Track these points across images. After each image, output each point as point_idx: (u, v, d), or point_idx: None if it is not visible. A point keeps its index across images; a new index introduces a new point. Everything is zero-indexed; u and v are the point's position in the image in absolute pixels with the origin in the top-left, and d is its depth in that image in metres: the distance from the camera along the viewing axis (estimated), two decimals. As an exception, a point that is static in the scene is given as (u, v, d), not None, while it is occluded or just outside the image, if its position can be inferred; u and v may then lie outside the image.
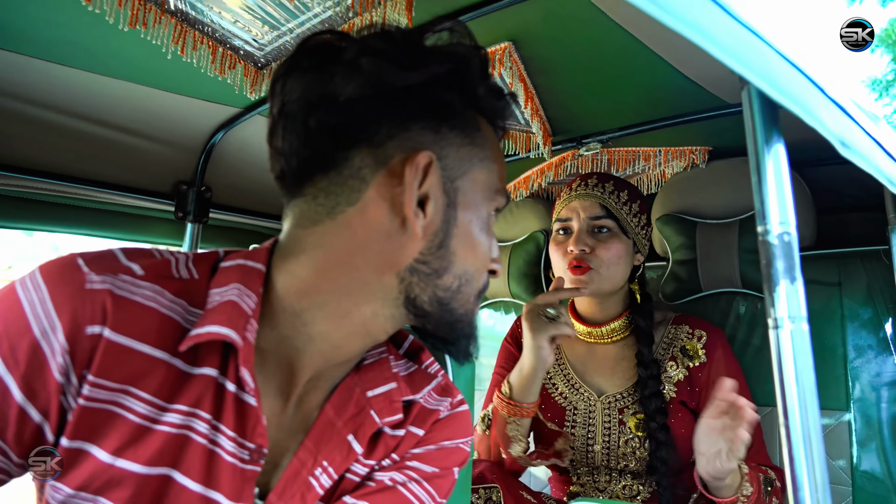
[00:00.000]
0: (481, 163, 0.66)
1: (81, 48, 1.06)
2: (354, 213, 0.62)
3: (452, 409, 0.76)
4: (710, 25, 0.52)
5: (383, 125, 0.61)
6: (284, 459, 0.67)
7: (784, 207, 0.67)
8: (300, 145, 0.61)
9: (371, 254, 0.62)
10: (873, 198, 1.45)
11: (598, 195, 1.37)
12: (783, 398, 0.65)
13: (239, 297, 0.61)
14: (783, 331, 0.65)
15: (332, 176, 0.62)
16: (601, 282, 1.35)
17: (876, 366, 1.38)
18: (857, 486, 1.35)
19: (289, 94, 0.61)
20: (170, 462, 0.59)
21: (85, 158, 1.36)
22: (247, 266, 0.65)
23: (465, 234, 0.65)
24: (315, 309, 0.63)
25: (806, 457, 0.63)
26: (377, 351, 0.75)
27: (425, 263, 0.63)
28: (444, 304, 0.65)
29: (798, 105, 0.65)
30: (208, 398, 0.61)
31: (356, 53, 0.60)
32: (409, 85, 0.61)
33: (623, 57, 1.14)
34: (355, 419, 0.68)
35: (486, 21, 1.01)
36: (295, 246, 0.65)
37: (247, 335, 0.60)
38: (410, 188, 0.60)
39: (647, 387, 1.32)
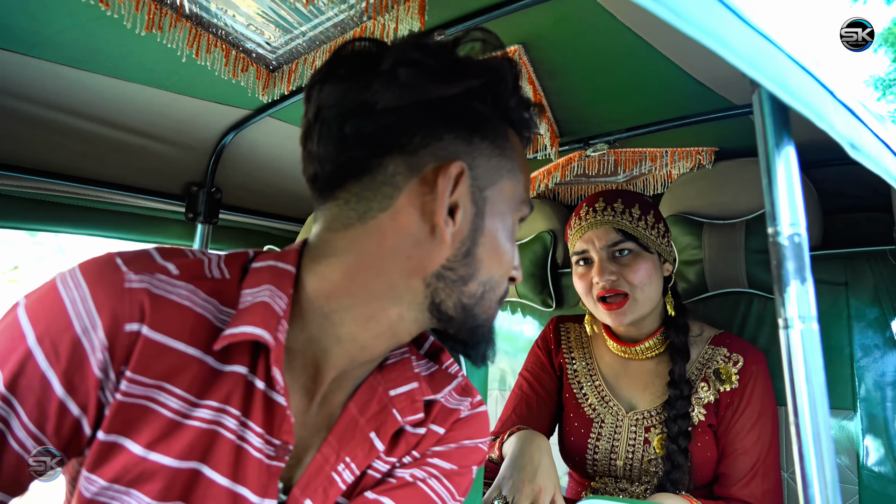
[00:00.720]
0: (509, 174, 0.68)
1: (97, 52, 1.08)
2: (386, 219, 0.63)
3: (472, 409, 0.78)
4: (722, 29, 0.53)
5: (417, 134, 0.62)
6: (308, 455, 0.69)
7: (794, 209, 0.68)
8: (336, 151, 0.63)
9: (400, 259, 0.64)
10: (880, 198, 1.46)
11: (609, 219, 1.32)
12: (793, 398, 0.65)
13: (271, 299, 0.63)
14: (793, 331, 0.66)
15: (365, 182, 0.63)
16: (638, 307, 1.31)
17: (882, 365, 1.38)
18: (863, 485, 1.35)
19: (325, 100, 0.63)
20: (199, 456, 0.60)
21: (96, 160, 1.38)
22: (277, 268, 0.66)
23: (492, 243, 0.66)
24: (343, 311, 0.65)
25: (816, 456, 0.64)
26: (399, 351, 0.76)
27: (452, 270, 0.65)
28: (467, 310, 0.67)
29: (808, 108, 0.65)
30: (238, 395, 0.62)
31: (393, 63, 0.61)
32: (444, 97, 0.62)
33: (631, 59, 1.15)
34: (377, 417, 0.70)
35: (496, 24, 1.02)
36: (325, 248, 0.66)
37: (278, 335, 0.62)
38: (442, 197, 0.61)
39: (675, 407, 1.29)
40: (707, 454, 1.28)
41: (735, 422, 1.29)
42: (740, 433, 1.28)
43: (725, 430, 1.29)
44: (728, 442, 1.29)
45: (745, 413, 1.28)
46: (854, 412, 1.39)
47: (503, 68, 0.66)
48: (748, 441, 1.27)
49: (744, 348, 1.34)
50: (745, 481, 1.25)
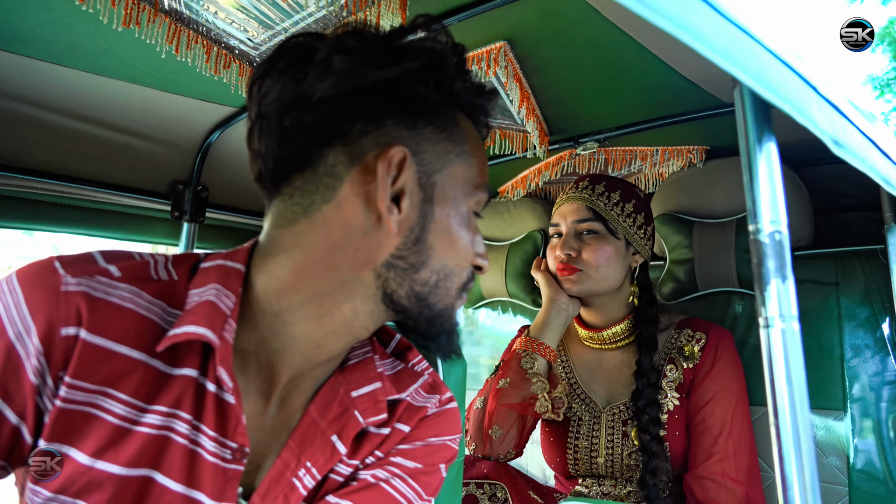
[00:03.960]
0: (459, 158, 0.66)
1: (76, 48, 1.06)
2: (330, 211, 0.62)
3: (441, 406, 0.76)
4: (700, 25, 0.52)
5: (357, 122, 0.61)
6: (268, 460, 0.67)
7: (776, 207, 0.67)
8: (276, 146, 0.62)
9: (348, 251, 0.62)
10: (871, 197, 1.45)
11: (585, 197, 1.37)
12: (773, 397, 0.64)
13: (217, 297, 0.62)
14: (774, 330, 0.65)
15: (307, 174, 0.62)
16: (591, 283, 1.35)
17: (873, 365, 1.37)
18: (853, 486, 1.35)
19: (265, 96, 0.62)
20: (150, 463, 0.59)
21: (81, 158, 1.36)
22: (226, 266, 0.65)
23: (443, 229, 0.65)
24: (294, 309, 0.64)
25: (796, 456, 0.63)
26: (361, 351, 0.75)
27: (402, 258, 0.63)
28: (421, 299, 0.66)
29: (789, 104, 0.65)
30: (188, 398, 0.61)
31: (328, 52, 0.60)
32: (382, 81, 0.61)
33: (619, 56, 1.14)
34: (339, 420, 0.68)
35: (480, 20, 1.01)
36: (273, 246, 0.65)
37: (224, 335, 0.60)
38: (383, 183, 0.60)
39: (643, 396, 1.30)
40: (685, 441, 1.29)
41: (696, 396, 1.29)
42: (703, 408, 1.28)
43: (689, 406, 1.30)
44: (691, 419, 1.29)
45: (706, 387, 1.29)
46: (844, 413, 1.38)
47: (444, 51, 0.65)
48: (713, 418, 1.26)
49: (707, 327, 1.36)
50: (715, 459, 1.23)
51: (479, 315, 2.06)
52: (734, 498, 1.22)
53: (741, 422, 1.27)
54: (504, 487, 1.21)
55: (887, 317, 1.38)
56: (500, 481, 1.22)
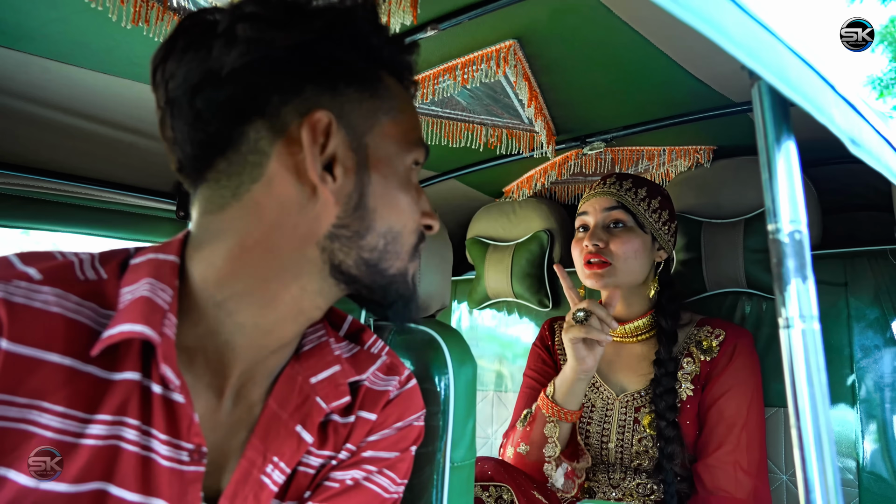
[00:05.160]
0: (387, 115, 0.63)
1: (83, 46, 1.06)
2: (260, 190, 0.59)
3: (402, 388, 0.74)
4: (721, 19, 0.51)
5: (274, 93, 0.58)
6: (230, 459, 0.64)
7: (795, 205, 0.66)
8: (191, 130, 0.58)
9: (286, 229, 0.59)
10: (880, 197, 1.44)
11: (613, 192, 1.39)
12: (794, 399, 0.64)
13: (151, 292, 0.58)
14: (794, 330, 0.65)
15: (230, 156, 0.59)
16: (618, 276, 1.36)
17: (883, 366, 1.37)
18: (863, 488, 1.34)
19: (170, 79, 0.58)
20: (101, 476, 0.56)
21: (86, 157, 1.35)
22: (158, 259, 0.61)
23: (383, 191, 0.62)
24: (238, 297, 0.60)
25: (818, 458, 0.62)
26: (316, 336, 0.72)
27: (344, 227, 0.61)
28: (371, 265, 0.63)
29: (809, 102, 0.64)
30: (134, 403, 0.58)
31: (230, 22, 0.57)
32: (293, 46, 0.58)
33: (629, 55, 1.13)
34: (301, 409, 0.66)
35: (490, 18, 1.01)
36: (206, 233, 0.61)
37: (164, 330, 0.57)
38: (311, 151, 0.57)
39: (660, 384, 1.32)
40: (696, 431, 1.31)
41: (713, 388, 1.31)
42: (719, 399, 1.30)
43: (704, 397, 1.32)
44: (706, 410, 1.31)
45: (723, 380, 1.31)
46: (854, 413, 1.37)
47: (352, 7, 0.61)
48: (728, 409, 1.28)
49: (727, 325, 1.39)
50: (728, 449, 1.25)
51: (485, 316, 2.06)
52: (743, 489, 1.23)
53: (756, 418, 1.29)
54: (510, 489, 1.21)
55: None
56: (505, 483, 1.22)
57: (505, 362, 1.99)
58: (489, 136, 1.48)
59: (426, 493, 0.82)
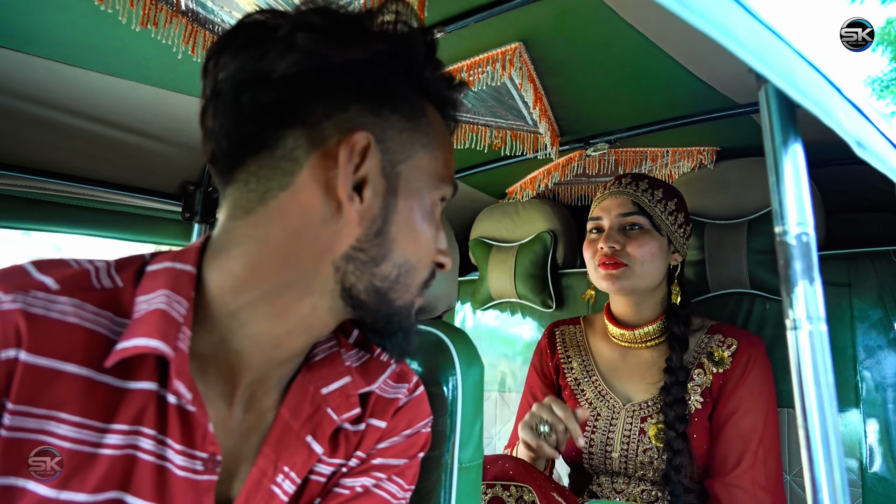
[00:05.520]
0: (425, 148, 0.64)
1: (91, 49, 1.06)
2: (287, 198, 0.59)
3: (411, 395, 0.75)
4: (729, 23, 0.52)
5: (319, 105, 0.58)
6: (241, 467, 0.65)
7: (802, 207, 0.67)
8: (231, 125, 0.58)
9: (305, 242, 0.59)
10: (884, 198, 1.44)
11: (630, 192, 1.36)
12: (802, 400, 0.64)
13: (167, 305, 0.58)
14: (801, 332, 0.65)
15: (263, 158, 0.59)
16: (635, 279, 1.33)
17: (886, 367, 1.37)
18: (867, 488, 1.34)
19: (222, 72, 0.58)
20: (118, 485, 0.56)
21: (91, 158, 1.36)
22: (175, 269, 0.61)
23: (406, 222, 0.63)
24: (251, 307, 0.61)
25: (825, 459, 0.63)
26: (328, 345, 0.72)
27: (362, 251, 0.61)
28: (381, 294, 0.63)
29: (816, 105, 0.64)
30: (150, 413, 0.58)
31: (292, 28, 0.57)
32: (348, 63, 0.58)
33: (633, 57, 1.14)
34: (313, 419, 0.66)
35: (497, 21, 1.01)
36: (228, 239, 0.62)
37: (179, 344, 0.57)
38: (345, 170, 0.57)
39: (671, 394, 1.29)
40: (703, 445, 1.28)
41: (728, 403, 1.28)
42: (734, 414, 1.27)
43: (719, 412, 1.29)
44: (721, 426, 1.28)
45: (739, 395, 1.28)
46: (858, 414, 1.38)
47: (414, 37, 0.62)
48: (744, 425, 1.26)
49: (740, 334, 1.35)
50: (745, 467, 1.23)
51: (488, 316, 2.06)
52: None
53: (772, 430, 1.27)
54: (531, 490, 1.20)
55: (901, 318, 1.38)
56: (526, 483, 1.21)
57: (508, 363, 1.99)
58: (493, 138, 1.49)
59: (434, 494, 0.82)
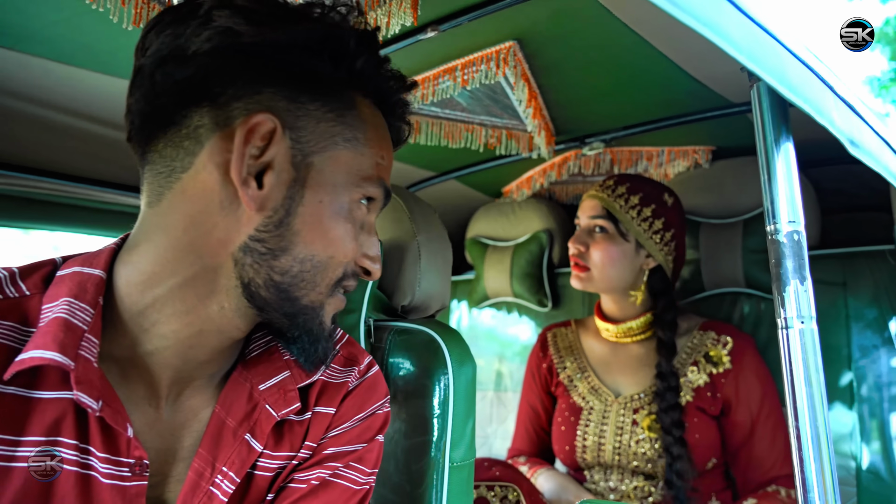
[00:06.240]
0: (347, 143, 0.61)
1: (85, 47, 1.06)
2: (188, 180, 0.57)
3: (361, 378, 0.72)
4: (721, 21, 0.52)
5: (231, 85, 0.56)
6: (177, 467, 0.63)
7: (794, 206, 0.67)
8: (145, 102, 0.57)
9: (206, 230, 0.57)
10: (879, 197, 1.45)
11: (603, 197, 1.39)
12: (793, 398, 0.64)
13: (68, 313, 0.55)
14: (792, 331, 0.65)
15: (170, 136, 0.57)
16: (594, 282, 1.39)
17: (881, 366, 1.38)
18: (862, 487, 1.34)
19: (147, 49, 0.58)
20: (38, 498, 0.54)
21: (89, 158, 1.35)
22: (81, 274, 0.58)
23: (313, 216, 0.60)
24: (160, 305, 0.58)
25: (815, 457, 0.63)
26: (264, 340, 0.69)
27: (260, 241, 0.58)
28: (282, 291, 0.60)
29: (808, 103, 0.64)
30: (69, 422, 0.56)
31: (210, 6, 0.56)
32: (263, 43, 0.56)
33: (628, 56, 1.14)
34: (250, 417, 0.64)
35: (491, 20, 1.01)
36: (140, 232, 0.60)
37: (81, 353, 0.54)
38: (239, 151, 0.55)
39: (665, 399, 1.31)
40: (696, 435, 1.30)
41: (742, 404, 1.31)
42: (758, 417, 1.30)
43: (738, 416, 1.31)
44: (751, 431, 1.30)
45: (752, 396, 1.31)
46: (852, 413, 1.38)
47: (344, 24, 0.60)
48: (770, 423, 1.30)
49: (731, 331, 1.38)
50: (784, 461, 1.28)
51: (484, 315, 2.06)
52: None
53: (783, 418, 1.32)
54: (516, 489, 1.21)
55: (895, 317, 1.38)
56: (512, 483, 1.21)
57: (504, 362, 1.99)
58: (489, 137, 1.49)
59: (426, 493, 0.82)
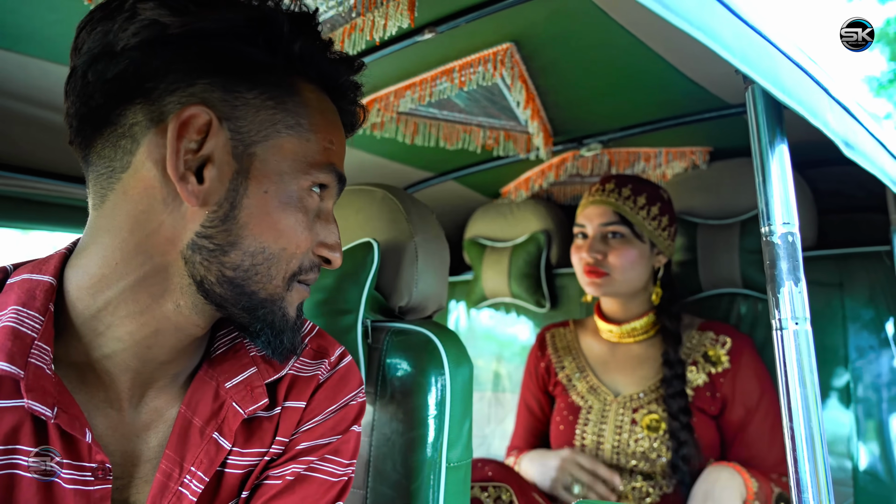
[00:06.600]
0: (291, 130, 0.59)
1: (82, 48, 1.06)
2: (128, 179, 0.56)
3: (332, 370, 0.71)
4: (715, 25, 0.52)
5: (162, 79, 0.55)
6: (143, 468, 0.62)
7: (788, 208, 0.67)
8: (80, 103, 0.56)
9: (151, 229, 0.56)
10: (875, 198, 1.45)
11: (612, 202, 1.37)
12: (787, 399, 0.64)
13: (16, 322, 0.54)
14: (787, 332, 0.65)
15: (106, 136, 0.56)
16: (616, 286, 1.38)
17: (878, 367, 1.38)
18: (858, 487, 1.35)
19: (80, 48, 0.56)
20: None
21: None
22: (30, 281, 0.58)
23: (260, 207, 0.58)
24: (112, 308, 0.57)
25: (809, 458, 0.63)
26: (229, 337, 0.68)
27: (208, 238, 0.57)
28: (236, 286, 0.59)
29: (802, 105, 0.65)
30: (26, 430, 0.55)
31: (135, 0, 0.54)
32: (191, 34, 0.55)
33: (625, 57, 1.14)
34: (217, 415, 0.63)
35: (488, 22, 1.01)
36: (87, 237, 0.59)
37: (31, 361, 0.53)
38: (173, 146, 0.54)
39: (672, 386, 1.33)
40: (700, 436, 1.31)
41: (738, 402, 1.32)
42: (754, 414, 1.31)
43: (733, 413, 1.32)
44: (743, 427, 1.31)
45: (749, 394, 1.32)
46: (849, 413, 1.38)
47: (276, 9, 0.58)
48: (767, 423, 1.31)
49: (729, 331, 1.39)
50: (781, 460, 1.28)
51: (482, 316, 2.06)
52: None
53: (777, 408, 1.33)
54: (509, 489, 1.21)
55: (892, 318, 1.38)
56: (505, 483, 1.21)
57: (502, 362, 1.99)
58: (487, 138, 1.49)
59: (422, 494, 0.82)
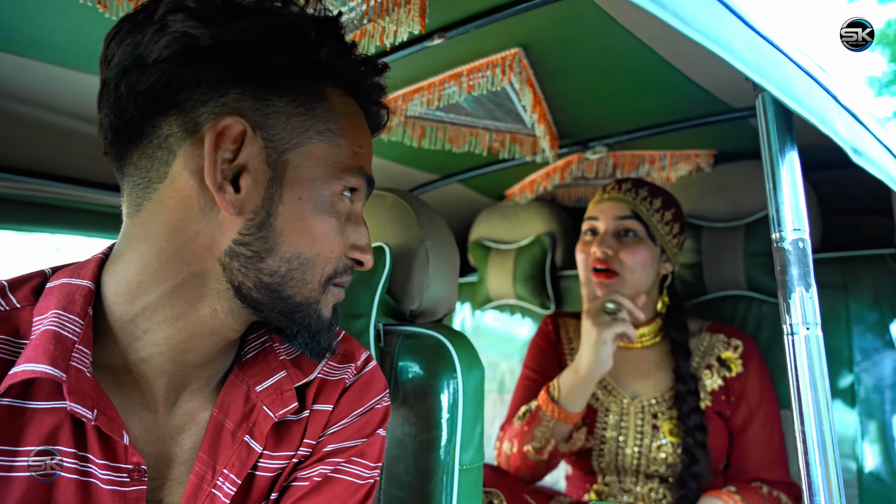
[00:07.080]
0: (321, 136, 0.60)
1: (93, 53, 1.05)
2: (166, 190, 0.57)
3: (358, 374, 0.73)
4: (726, 33, 0.53)
5: (195, 90, 0.56)
6: (177, 470, 0.63)
7: (799, 213, 0.68)
8: (114, 115, 0.57)
9: (189, 237, 0.57)
10: (880, 201, 1.46)
11: (629, 199, 1.36)
12: (798, 403, 0.65)
13: (58, 325, 0.55)
14: (798, 337, 0.66)
15: (143, 148, 0.57)
16: (624, 287, 1.33)
17: (882, 369, 1.38)
18: (863, 489, 1.35)
19: (110, 60, 0.57)
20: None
21: (93, 161, 1.36)
22: (70, 285, 0.59)
23: (295, 213, 0.59)
24: (149, 313, 0.59)
25: (821, 460, 0.64)
26: (259, 341, 0.70)
27: (245, 245, 0.58)
28: (273, 291, 0.60)
29: (812, 113, 0.65)
30: (66, 431, 0.56)
31: (165, 10, 0.55)
32: (221, 44, 0.55)
33: (630, 62, 1.15)
34: (248, 418, 0.64)
35: (496, 28, 1.02)
36: (123, 242, 0.60)
37: (73, 364, 0.55)
38: (211, 157, 0.55)
39: (686, 402, 1.30)
40: (716, 440, 1.31)
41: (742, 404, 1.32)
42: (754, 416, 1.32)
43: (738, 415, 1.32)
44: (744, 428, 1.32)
45: (752, 397, 1.33)
46: (854, 415, 1.39)
47: (301, 15, 0.59)
48: (767, 427, 1.31)
49: (739, 334, 1.40)
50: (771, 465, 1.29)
51: (487, 317, 2.07)
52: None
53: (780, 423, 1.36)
54: (500, 494, 1.19)
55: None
56: (496, 488, 1.20)
57: (507, 363, 2.00)
58: (493, 141, 1.50)
59: (436, 496, 0.83)
